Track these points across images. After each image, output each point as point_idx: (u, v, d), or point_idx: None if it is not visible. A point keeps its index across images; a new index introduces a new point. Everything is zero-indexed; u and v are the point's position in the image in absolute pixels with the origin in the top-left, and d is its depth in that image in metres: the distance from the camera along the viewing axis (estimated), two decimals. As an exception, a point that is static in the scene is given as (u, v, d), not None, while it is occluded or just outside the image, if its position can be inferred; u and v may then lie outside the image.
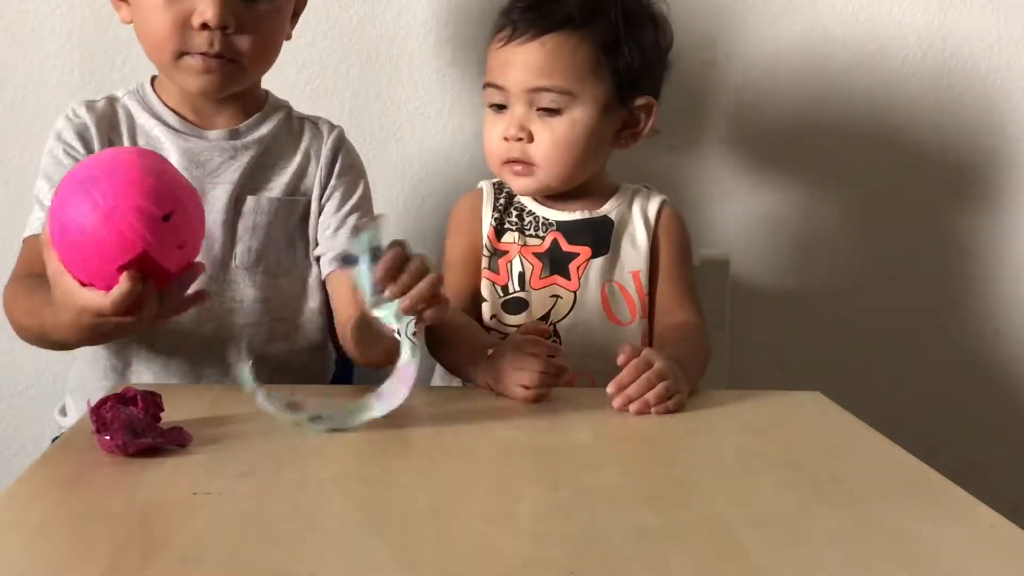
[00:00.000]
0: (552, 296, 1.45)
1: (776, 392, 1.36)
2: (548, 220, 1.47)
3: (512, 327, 1.43)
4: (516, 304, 1.45)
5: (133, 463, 1.02)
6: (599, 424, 1.21)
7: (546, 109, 1.42)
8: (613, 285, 1.47)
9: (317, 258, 1.46)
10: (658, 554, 0.86)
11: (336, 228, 1.46)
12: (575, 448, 1.14)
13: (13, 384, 1.74)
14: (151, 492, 0.97)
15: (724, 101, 1.80)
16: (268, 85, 1.51)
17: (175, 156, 1.42)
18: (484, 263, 1.46)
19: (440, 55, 1.75)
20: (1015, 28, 1.81)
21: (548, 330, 1.42)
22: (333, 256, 1.43)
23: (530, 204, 1.49)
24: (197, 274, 1.20)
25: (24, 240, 1.40)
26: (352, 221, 1.46)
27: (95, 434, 1.05)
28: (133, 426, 1.04)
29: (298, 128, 1.50)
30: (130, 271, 1.12)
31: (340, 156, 1.49)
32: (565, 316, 1.45)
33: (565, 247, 1.46)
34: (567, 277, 1.46)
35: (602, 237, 1.47)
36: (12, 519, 0.91)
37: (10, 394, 1.75)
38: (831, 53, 1.80)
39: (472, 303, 1.46)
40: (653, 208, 1.50)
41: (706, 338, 1.45)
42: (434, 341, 1.41)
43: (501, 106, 1.45)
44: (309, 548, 0.86)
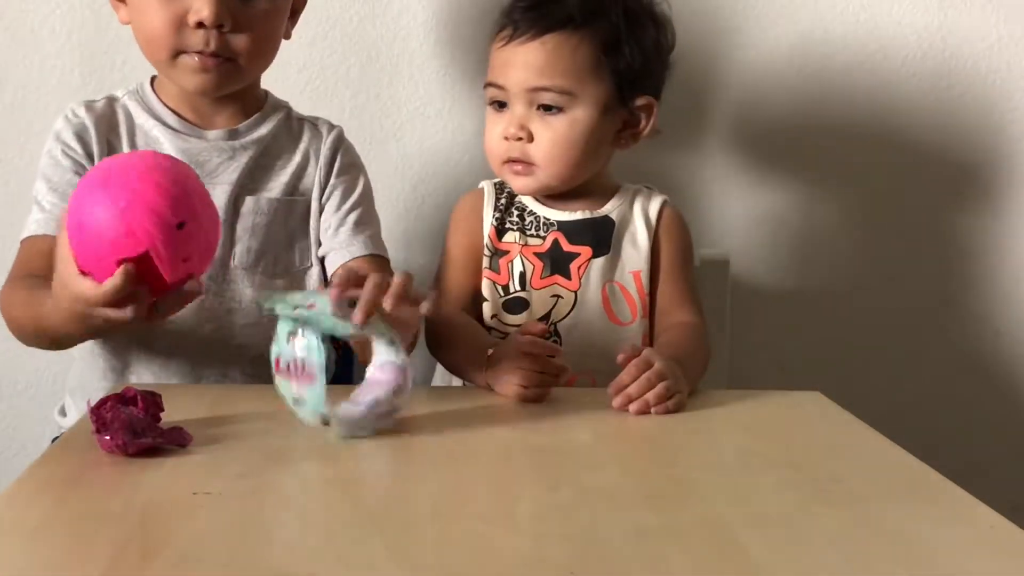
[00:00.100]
0: (553, 296, 1.45)
1: (776, 392, 1.36)
2: (549, 220, 1.47)
3: (513, 327, 1.43)
4: (517, 304, 1.45)
5: (133, 463, 1.02)
6: (599, 424, 1.21)
7: (546, 108, 1.42)
8: (614, 285, 1.46)
9: (320, 258, 1.46)
10: (658, 554, 0.86)
11: (337, 226, 1.45)
12: (575, 448, 1.14)
13: (13, 384, 1.75)
14: (151, 492, 0.97)
15: (724, 101, 1.80)
16: (268, 85, 1.51)
17: (174, 156, 1.42)
18: (485, 263, 1.46)
19: (440, 55, 1.75)
20: (1015, 28, 1.81)
21: (547, 330, 1.42)
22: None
23: (531, 204, 1.49)
24: (193, 293, 1.17)
25: (22, 241, 1.40)
26: (353, 218, 1.46)
27: (95, 434, 1.05)
28: (133, 426, 1.04)
29: (297, 128, 1.50)
30: (127, 267, 1.12)
31: (339, 155, 1.49)
32: (566, 316, 1.45)
33: (566, 247, 1.46)
34: (568, 277, 1.46)
35: (603, 237, 1.47)
36: (12, 519, 0.91)
37: (10, 394, 1.75)
38: (831, 53, 1.80)
39: (472, 303, 1.46)
40: (654, 208, 1.50)
41: (706, 338, 1.45)
42: (434, 341, 1.41)
43: (502, 105, 1.45)
44: (309, 548, 0.86)
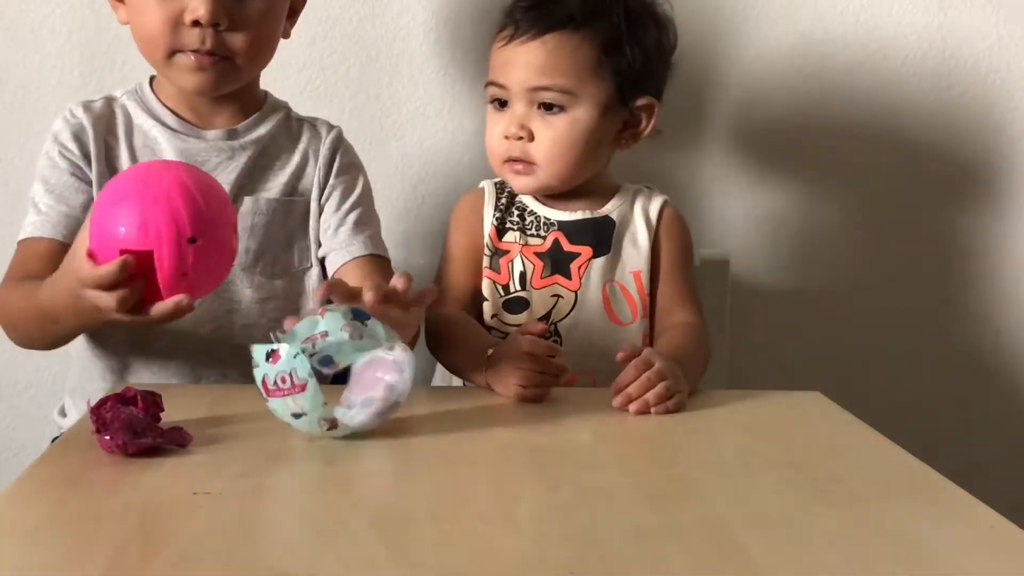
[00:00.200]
0: (553, 296, 1.45)
1: (776, 392, 1.36)
2: (550, 220, 1.47)
3: (513, 326, 1.43)
4: (517, 303, 1.45)
5: (133, 463, 1.02)
6: (599, 424, 1.21)
7: (547, 107, 1.42)
8: (614, 285, 1.46)
9: (320, 259, 1.46)
10: (658, 554, 0.86)
11: (337, 227, 1.45)
12: (575, 448, 1.14)
13: (13, 384, 1.74)
14: (151, 492, 0.97)
15: (724, 101, 1.80)
16: (268, 85, 1.51)
17: (172, 156, 1.42)
18: (485, 262, 1.46)
19: (440, 55, 1.75)
20: (1015, 28, 1.81)
21: (547, 330, 1.42)
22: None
23: (531, 204, 1.49)
24: (181, 309, 1.14)
25: (18, 243, 1.39)
26: (353, 218, 1.46)
27: (95, 434, 1.05)
28: (133, 426, 1.04)
29: (296, 129, 1.50)
30: (127, 258, 1.11)
31: (339, 155, 1.49)
32: (566, 316, 1.45)
33: (566, 247, 1.46)
34: (568, 277, 1.46)
35: (603, 237, 1.47)
36: (12, 519, 0.90)
37: (10, 394, 1.75)
38: (831, 53, 1.80)
39: (473, 303, 1.46)
40: (655, 208, 1.50)
41: (707, 338, 1.45)
42: (434, 341, 1.41)
43: (503, 104, 1.45)
44: (309, 548, 0.86)
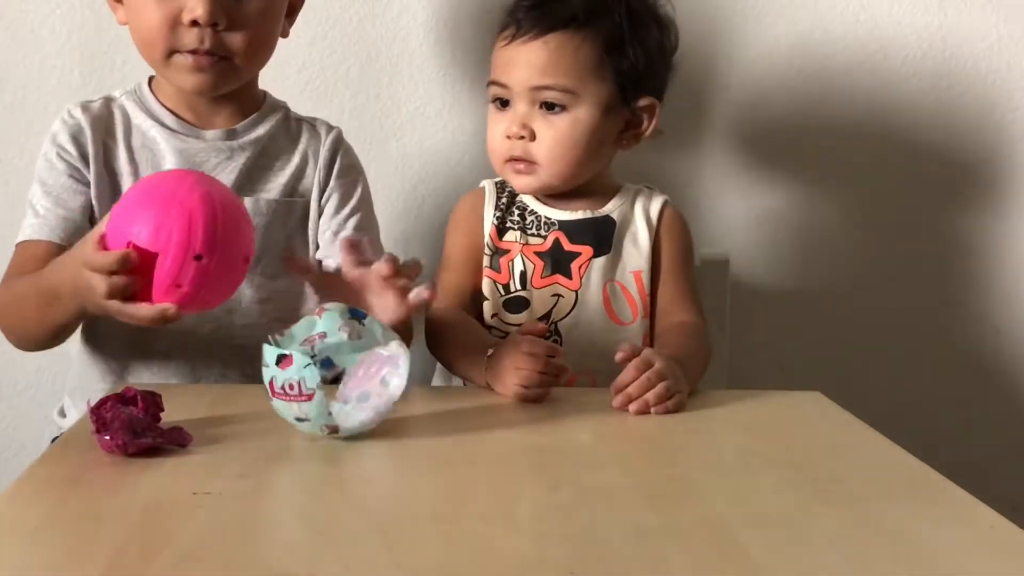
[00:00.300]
0: (553, 295, 1.45)
1: (776, 392, 1.36)
2: (550, 219, 1.47)
3: (513, 326, 1.43)
4: (517, 303, 1.45)
5: (133, 463, 1.02)
6: (599, 424, 1.21)
7: (549, 107, 1.42)
8: (615, 285, 1.46)
9: (319, 261, 1.46)
10: (658, 554, 0.86)
11: (336, 231, 1.46)
12: (575, 448, 1.14)
13: (13, 384, 1.74)
14: (151, 492, 0.97)
15: (724, 101, 1.80)
16: (268, 85, 1.51)
17: (171, 156, 1.42)
18: (486, 262, 1.46)
19: (440, 55, 1.75)
20: (1015, 28, 1.81)
21: (547, 330, 1.42)
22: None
23: (532, 203, 1.49)
24: (167, 317, 1.14)
25: (17, 245, 1.39)
26: (352, 223, 1.46)
27: (95, 434, 1.05)
28: (133, 426, 1.04)
29: (296, 129, 1.50)
30: (131, 252, 1.11)
31: (339, 157, 1.49)
32: (567, 315, 1.45)
33: (567, 246, 1.46)
34: (569, 276, 1.46)
35: (604, 237, 1.47)
36: (12, 519, 0.91)
37: (10, 394, 1.75)
38: (831, 53, 1.80)
39: (472, 302, 1.46)
40: (655, 208, 1.50)
41: (707, 338, 1.45)
42: (434, 341, 1.41)
43: (504, 104, 1.45)
44: (309, 548, 0.86)
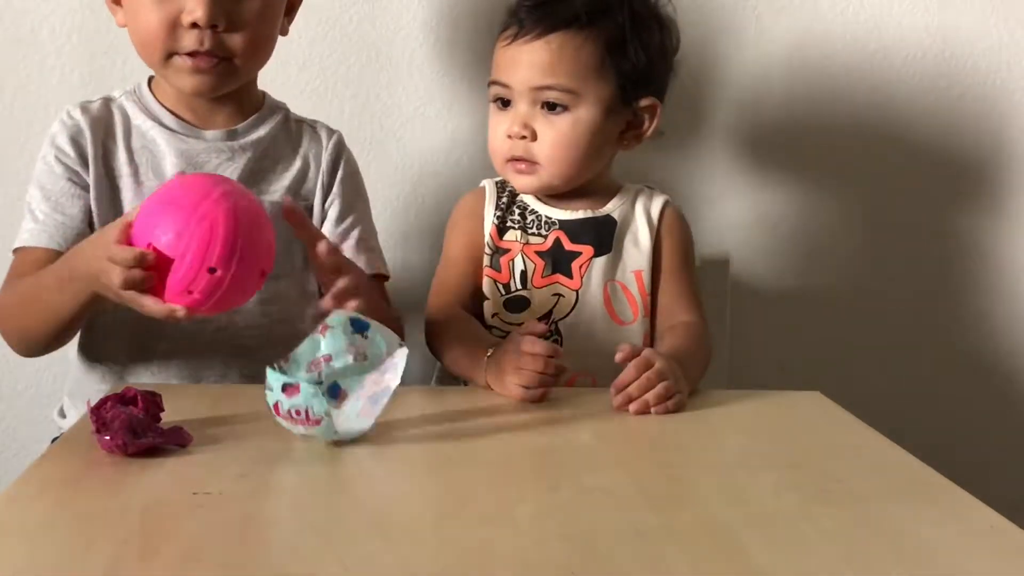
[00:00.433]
0: (554, 295, 1.45)
1: (776, 392, 1.36)
2: (551, 219, 1.47)
3: (514, 325, 1.43)
4: (518, 302, 1.45)
5: (133, 463, 1.02)
6: (599, 424, 1.21)
7: (550, 107, 1.42)
8: (615, 284, 1.46)
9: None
10: (658, 554, 0.86)
11: (339, 242, 1.47)
12: (575, 448, 1.14)
13: (13, 385, 1.74)
14: (151, 492, 0.97)
15: (724, 101, 1.80)
16: (268, 85, 1.51)
17: (172, 157, 1.42)
18: (486, 261, 1.46)
19: (440, 55, 1.75)
20: (1015, 28, 1.81)
21: (547, 330, 1.42)
22: None
23: (533, 203, 1.49)
24: (173, 316, 1.15)
25: (15, 251, 1.39)
26: (356, 234, 1.48)
27: (95, 434, 1.05)
28: (133, 426, 1.04)
29: (296, 131, 1.50)
30: (149, 253, 1.12)
31: (342, 164, 1.50)
32: (567, 315, 1.45)
33: (568, 246, 1.46)
34: (569, 276, 1.46)
35: (605, 236, 1.47)
36: (12, 519, 0.91)
37: (10, 395, 1.75)
38: (831, 53, 1.80)
39: (472, 301, 1.46)
40: (656, 208, 1.50)
41: (707, 338, 1.45)
42: (434, 340, 1.41)
43: (505, 103, 1.45)
44: (309, 548, 0.86)
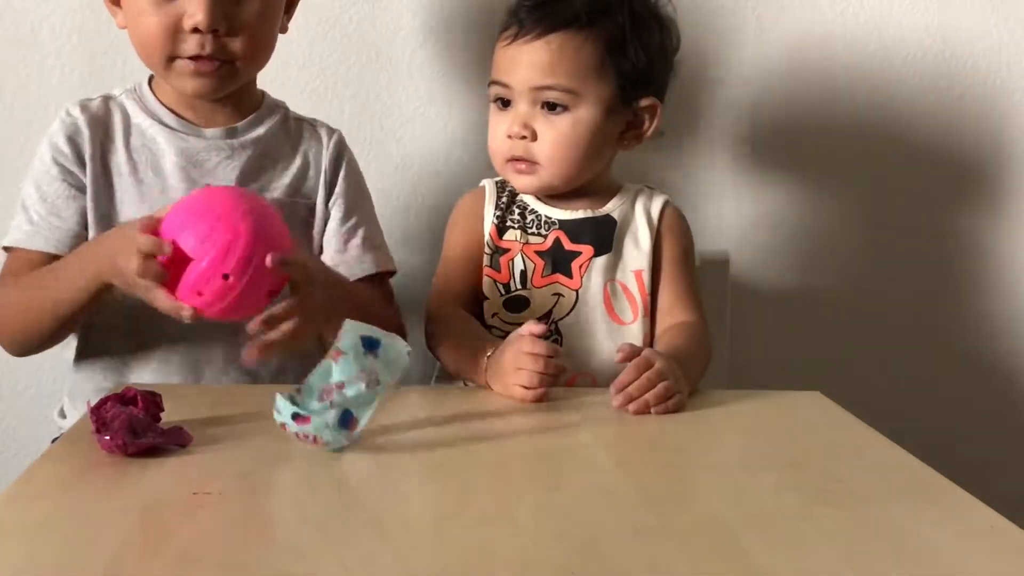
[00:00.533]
0: (554, 294, 1.45)
1: (776, 392, 1.36)
2: (551, 219, 1.47)
3: (514, 325, 1.43)
4: (518, 302, 1.45)
5: (133, 463, 1.02)
6: (599, 424, 1.21)
7: (550, 107, 1.42)
8: (615, 284, 1.46)
9: None
10: (658, 554, 0.86)
11: (347, 240, 1.48)
12: (575, 448, 1.14)
13: (13, 385, 1.74)
14: (151, 492, 0.97)
15: (724, 101, 1.80)
16: (268, 85, 1.51)
17: (172, 155, 1.42)
18: (486, 260, 1.46)
19: (440, 55, 1.75)
20: (1015, 28, 1.81)
21: (547, 330, 1.42)
22: None
23: (532, 203, 1.49)
24: (178, 314, 1.20)
25: (8, 249, 1.40)
26: (363, 232, 1.49)
27: (95, 434, 1.05)
28: (133, 426, 1.04)
29: (296, 130, 1.51)
30: (167, 245, 1.17)
31: (344, 164, 1.51)
32: (567, 315, 1.45)
33: (567, 245, 1.46)
34: (569, 275, 1.46)
35: (605, 236, 1.47)
36: (12, 519, 0.91)
37: (10, 395, 1.75)
38: (831, 53, 1.80)
39: (472, 301, 1.46)
40: (656, 208, 1.49)
41: (707, 338, 1.45)
42: (434, 341, 1.41)
43: (506, 103, 1.45)
44: (309, 548, 0.86)
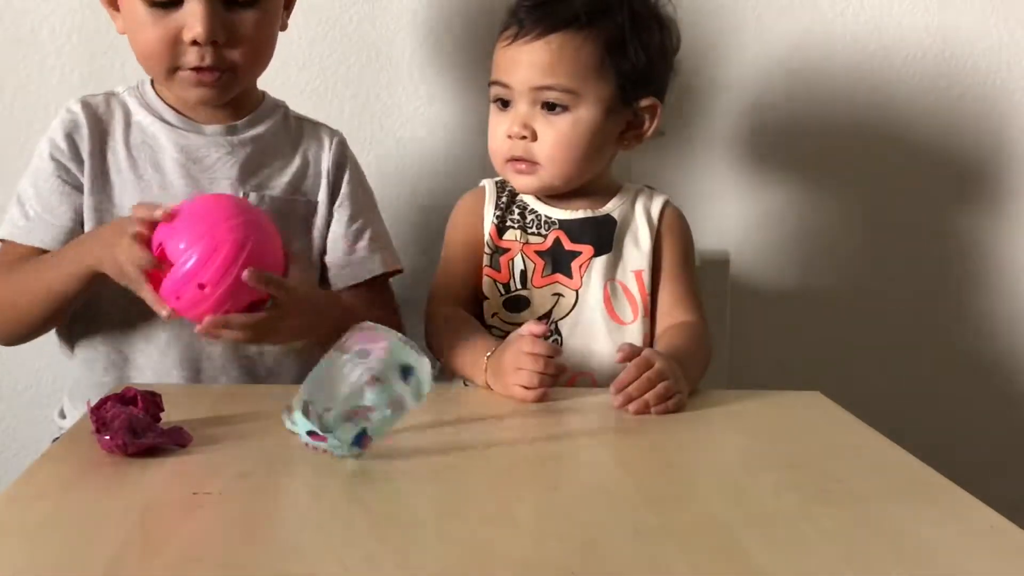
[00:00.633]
0: (554, 294, 1.45)
1: (776, 392, 1.36)
2: (551, 218, 1.47)
3: (514, 325, 1.43)
4: (518, 302, 1.45)
5: (133, 463, 1.02)
6: (599, 424, 1.21)
7: (550, 107, 1.42)
8: (615, 284, 1.46)
9: (325, 263, 1.49)
10: (658, 554, 0.86)
11: (354, 240, 1.48)
12: (575, 448, 1.14)
13: (13, 385, 1.74)
14: (151, 492, 0.97)
15: (724, 101, 1.80)
16: (269, 84, 1.51)
17: (172, 152, 1.43)
18: (486, 260, 1.46)
19: (440, 55, 1.75)
20: (1015, 28, 1.81)
21: (547, 330, 1.42)
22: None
23: (532, 202, 1.49)
24: (164, 317, 1.25)
25: (2, 242, 1.40)
26: (369, 234, 1.50)
27: (95, 434, 1.05)
28: (133, 426, 1.04)
29: (296, 129, 1.51)
30: (143, 233, 1.22)
31: (348, 167, 1.51)
32: (567, 315, 1.45)
33: (567, 245, 1.46)
34: (569, 275, 1.45)
35: (605, 236, 1.47)
36: (12, 519, 0.91)
37: (10, 395, 1.75)
38: (831, 53, 1.80)
39: (472, 301, 1.46)
40: (656, 208, 1.49)
41: (707, 338, 1.45)
42: (434, 341, 1.41)
43: (506, 104, 1.45)
44: (309, 548, 0.86)
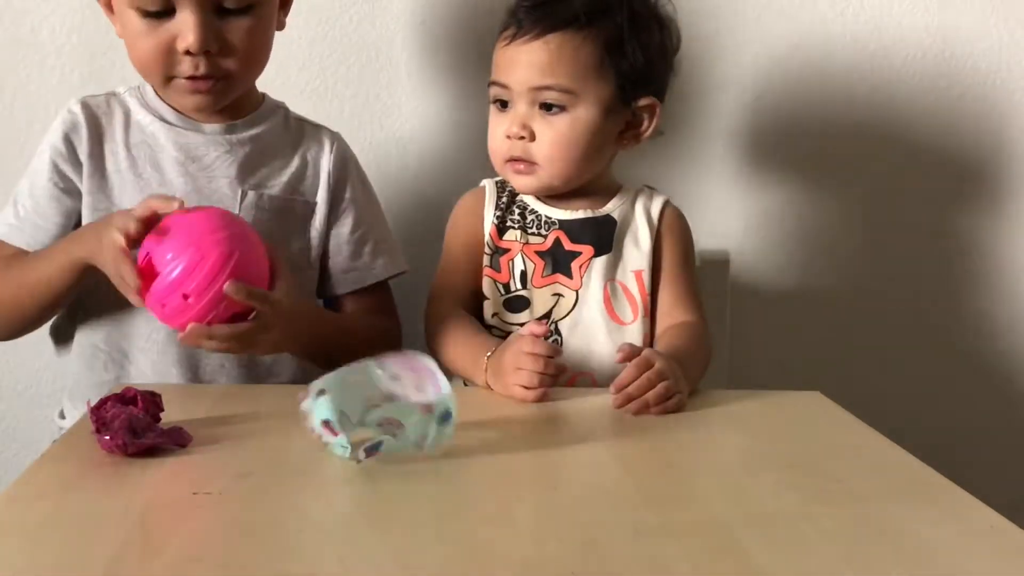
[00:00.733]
0: (554, 295, 1.45)
1: (776, 392, 1.36)
2: (551, 219, 1.47)
3: (514, 325, 1.43)
4: (518, 302, 1.45)
5: (133, 463, 1.02)
6: (599, 424, 1.21)
7: (548, 107, 1.42)
8: (615, 284, 1.46)
9: (323, 264, 1.49)
10: (658, 554, 0.86)
11: (357, 250, 1.49)
12: (575, 448, 1.14)
13: (13, 385, 1.75)
14: (151, 492, 0.97)
15: (724, 101, 1.80)
16: (268, 85, 1.51)
17: (171, 150, 1.43)
18: (486, 261, 1.46)
19: (440, 55, 1.75)
20: (1015, 28, 1.81)
21: (548, 330, 1.42)
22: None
23: (532, 203, 1.49)
24: (144, 307, 1.25)
25: None
26: (373, 237, 1.50)
27: (95, 434, 1.05)
28: (133, 426, 1.04)
29: (296, 129, 1.51)
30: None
31: (351, 171, 1.51)
32: (567, 315, 1.45)
33: (567, 246, 1.46)
34: (569, 276, 1.46)
35: (605, 236, 1.47)
36: (12, 519, 0.91)
37: (10, 395, 1.75)
38: (831, 53, 1.80)
39: (472, 301, 1.46)
40: (656, 208, 1.49)
41: (707, 338, 1.45)
42: (434, 341, 1.41)
43: (505, 104, 1.45)
44: (309, 548, 0.86)
